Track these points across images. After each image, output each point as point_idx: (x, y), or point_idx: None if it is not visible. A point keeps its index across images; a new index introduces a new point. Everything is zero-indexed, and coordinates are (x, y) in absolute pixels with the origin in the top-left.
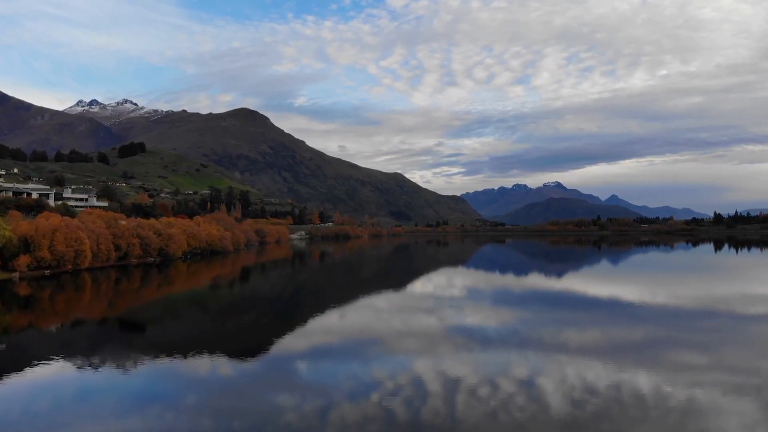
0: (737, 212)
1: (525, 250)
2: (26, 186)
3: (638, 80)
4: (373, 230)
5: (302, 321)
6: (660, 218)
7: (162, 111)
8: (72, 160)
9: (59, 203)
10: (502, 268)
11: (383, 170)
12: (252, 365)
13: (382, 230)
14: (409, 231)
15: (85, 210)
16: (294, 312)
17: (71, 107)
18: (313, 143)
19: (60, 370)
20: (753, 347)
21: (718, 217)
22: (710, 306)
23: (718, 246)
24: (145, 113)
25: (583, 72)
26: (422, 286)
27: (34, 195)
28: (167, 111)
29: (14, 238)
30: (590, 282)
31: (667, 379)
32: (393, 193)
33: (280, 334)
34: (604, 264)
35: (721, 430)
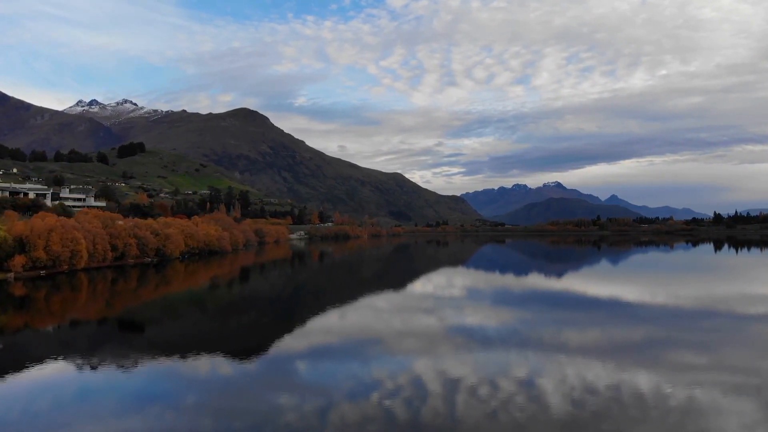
0: (737, 212)
1: (525, 250)
2: (23, 186)
3: (638, 80)
4: (373, 230)
5: (302, 321)
6: (660, 218)
7: (162, 111)
8: (71, 160)
9: (56, 203)
10: (502, 268)
11: (383, 170)
12: (252, 365)
13: (382, 230)
14: (409, 231)
15: (82, 210)
16: (293, 312)
17: (71, 107)
18: (313, 143)
19: (59, 370)
20: (753, 347)
21: (718, 217)
22: (710, 306)
23: (718, 246)
24: (145, 113)
25: (583, 72)
26: (422, 286)
27: (31, 195)
28: (167, 111)
29: (9, 238)
30: (590, 282)
31: (667, 379)
32: (393, 193)
33: (280, 334)
34: (604, 264)
35: (721, 430)
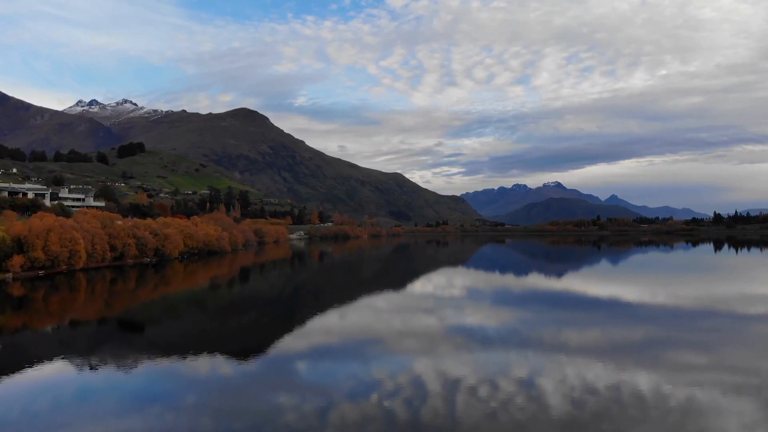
0: (737, 212)
1: (525, 250)
2: (22, 186)
3: (638, 80)
4: (373, 230)
5: (302, 321)
6: (660, 218)
7: (162, 111)
8: (71, 160)
9: (55, 203)
10: (502, 268)
11: (383, 170)
12: (252, 365)
13: (382, 230)
14: (409, 231)
15: (81, 210)
16: (293, 312)
17: (71, 107)
18: (313, 143)
19: (58, 371)
20: (753, 347)
21: (718, 217)
22: (710, 306)
23: (718, 246)
24: (145, 113)
25: (583, 72)
26: (422, 286)
27: (30, 195)
28: (167, 111)
29: (8, 239)
30: (590, 282)
31: (667, 379)
32: (393, 193)
33: (280, 334)
34: (604, 264)
35: (721, 430)
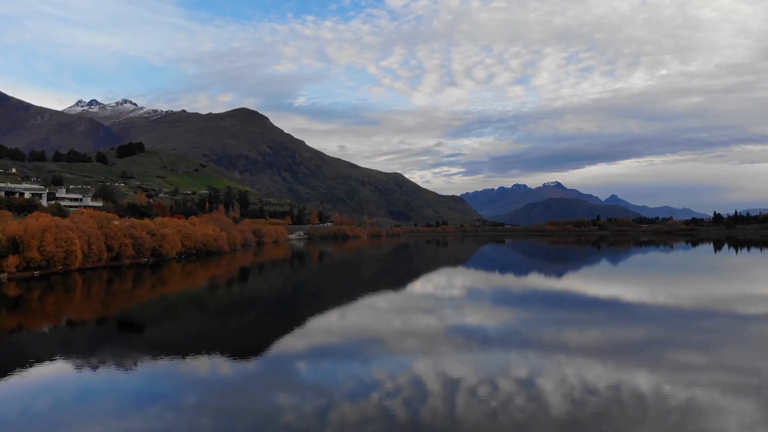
0: (737, 212)
1: (524, 250)
2: (19, 186)
3: (638, 80)
4: (372, 230)
5: (301, 321)
6: (660, 218)
7: (161, 111)
8: (70, 160)
9: (52, 203)
10: (502, 268)
11: (383, 170)
12: (252, 365)
13: (382, 230)
14: (409, 231)
15: (78, 210)
16: (293, 312)
17: (71, 107)
18: (313, 143)
19: (57, 371)
20: (753, 347)
21: (718, 217)
22: (710, 306)
23: (718, 246)
24: (145, 113)
25: (583, 72)
26: (422, 286)
27: (27, 195)
28: (167, 111)
29: (3, 239)
30: (590, 282)
31: (667, 379)
32: (392, 193)
33: (280, 334)
34: (604, 264)
35: (721, 430)
